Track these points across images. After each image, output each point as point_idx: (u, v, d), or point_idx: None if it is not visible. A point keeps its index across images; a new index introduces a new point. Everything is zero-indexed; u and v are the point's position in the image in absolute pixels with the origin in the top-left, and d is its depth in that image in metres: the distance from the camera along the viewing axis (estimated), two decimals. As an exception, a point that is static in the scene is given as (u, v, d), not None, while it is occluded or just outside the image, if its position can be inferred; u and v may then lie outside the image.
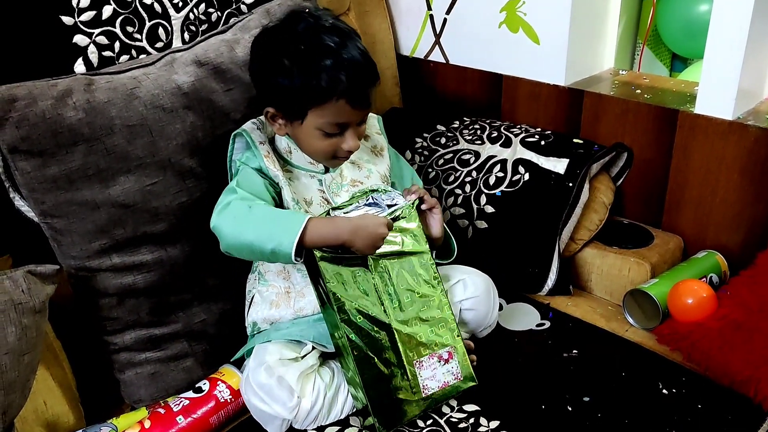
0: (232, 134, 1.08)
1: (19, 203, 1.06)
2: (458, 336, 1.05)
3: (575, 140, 1.39)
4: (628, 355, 1.14)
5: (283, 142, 1.09)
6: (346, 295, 0.98)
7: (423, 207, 1.08)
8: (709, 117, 1.28)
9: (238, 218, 0.97)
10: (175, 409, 1.01)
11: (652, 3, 1.93)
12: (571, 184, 1.30)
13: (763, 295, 1.12)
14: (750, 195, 1.27)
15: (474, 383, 1.04)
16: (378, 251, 1.00)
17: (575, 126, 1.46)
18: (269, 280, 1.09)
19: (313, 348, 1.04)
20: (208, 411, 1.03)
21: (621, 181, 1.42)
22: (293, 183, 1.08)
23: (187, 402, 1.02)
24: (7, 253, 1.07)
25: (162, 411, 1.01)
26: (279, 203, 1.05)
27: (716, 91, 1.26)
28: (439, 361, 1.03)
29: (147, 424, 0.99)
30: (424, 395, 1.00)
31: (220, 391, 1.05)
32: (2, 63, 1.03)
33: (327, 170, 1.10)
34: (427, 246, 1.05)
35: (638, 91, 1.42)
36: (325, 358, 1.06)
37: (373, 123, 1.19)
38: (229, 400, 1.05)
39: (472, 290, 1.14)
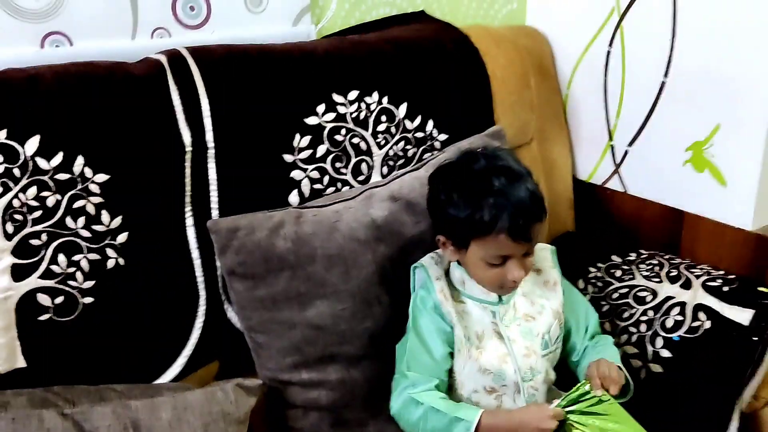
0: (412, 267, 1.17)
1: (231, 315, 1.21)
2: None
3: (761, 289, 1.34)
4: None
5: (457, 274, 1.15)
6: None
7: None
8: None
9: (411, 422, 1.08)
10: None
11: None
12: (756, 339, 1.25)
13: None
14: None
15: None
16: None
17: (761, 273, 1.41)
18: None
19: None
20: None
21: (812, 335, 1.35)
22: (465, 317, 1.13)
23: None
24: (216, 358, 1.21)
25: None
26: (451, 338, 1.11)
27: None
28: None
29: None
30: None
31: None
32: (232, 194, 1.19)
33: (500, 301, 1.15)
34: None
35: (836, 243, 1.35)
36: None
37: (546, 255, 1.23)
38: None
39: None
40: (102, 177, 1.07)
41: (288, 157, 1.23)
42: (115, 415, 0.98)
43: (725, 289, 1.35)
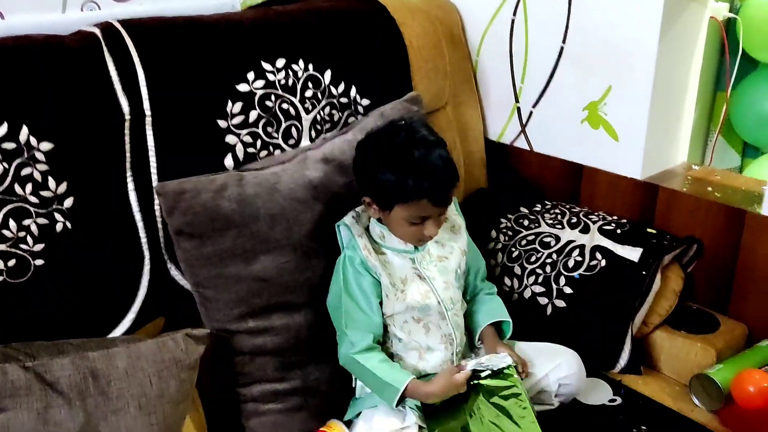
0: (336, 225, 1.28)
1: (174, 273, 1.29)
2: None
3: (649, 230, 1.53)
4: (694, 434, 1.27)
5: (377, 230, 1.27)
6: None
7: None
8: (775, 219, 1.41)
9: (355, 372, 1.25)
10: (294, 456, 1.19)
11: (725, 97, 2.06)
12: (644, 273, 1.44)
13: (821, 388, 1.22)
14: (813, 292, 1.38)
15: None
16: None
17: (650, 216, 1.60)
18: None
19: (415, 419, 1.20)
20: (320, 458, 1.20)
21: (690, 268, 1.55)
22: (388, 266, 1.26)
23: (305, 451, 1.20)
24: (161, 315, 1.28)
25: (283, 457, 1.19)
26: (379, 289, 1.25)
27: (782, 196, 1.39)
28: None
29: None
30: None
31: (329, 443, 1.22)
32: (170, 159, 1.26)
33: (416, 249, 1.28)
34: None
35: (709, 188, 1.55)
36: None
37: (451, 206, 1.34)
38: (336, 450, 1.22)
39: (566, 369, 1.29)
40: (47, 145, 1.12)
41: (222, 123, 1.31)
42: (74, 365, 1.05)
43: (618, 231, 1.53)
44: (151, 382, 1.07)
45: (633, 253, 1.48)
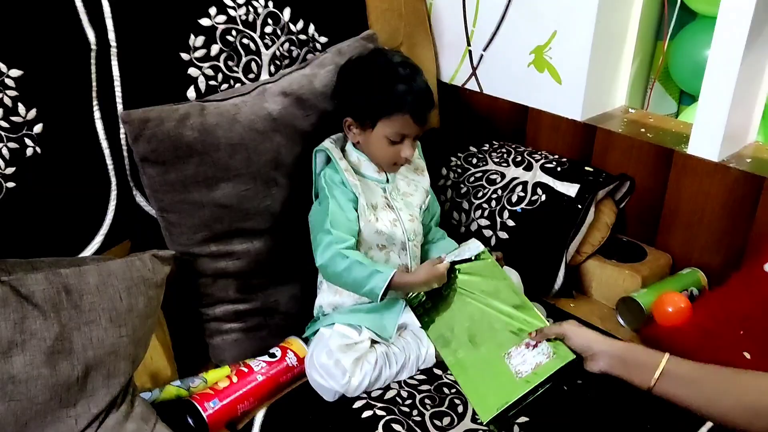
0: (315, 150, 1.35)
1: (139, 199, 1.35)
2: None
3: (586, 168, 1.65)
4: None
5: (353, 156, 1.35)
6: None
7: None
8: (699, 158, 1.53)
9: (337, 272, 1.27)
10: (255, 369, 1.29)
11: (663, 46, 2.18)
12: (580, 207, 1.56)
13: (730, 308, 1.37)
14: (729, 225, 1.52)
15: (573, 357, 1.15)
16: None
17: (588, 155, 1.72)
18: None
19: (371, 340, 1.31)
20: (279, 372, 1.30)
21: (623, 204, 1.68)
22: (364, 190, 1.34)
23: (265, 365, 1.30)
24: (128, 239, 1.35)
25: (245, 370, 1.29)
26: (356, 206, 1.32)
27: (706, 136, 1.51)
28: (527, 348, 1.19)
29: (234, 379, 1.26)
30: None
31: (289, 358, 1.32)
32: (135, 89, 1.31)
33: (387, 181, 1.37)
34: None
35: (643, 129, 1.67)
36: (373, 343, 1.33)
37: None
38: (295, 365, 1.32)
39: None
40: (16, 72, 1.16)
41: (185, 56, 1.35)
42: (47, 280, 1.11)
43: (558, 169, 1.65)
44: (121, 297, 1.14)
45: (571, 189, 1.59)
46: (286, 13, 1.49)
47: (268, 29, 1.46)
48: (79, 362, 1.08)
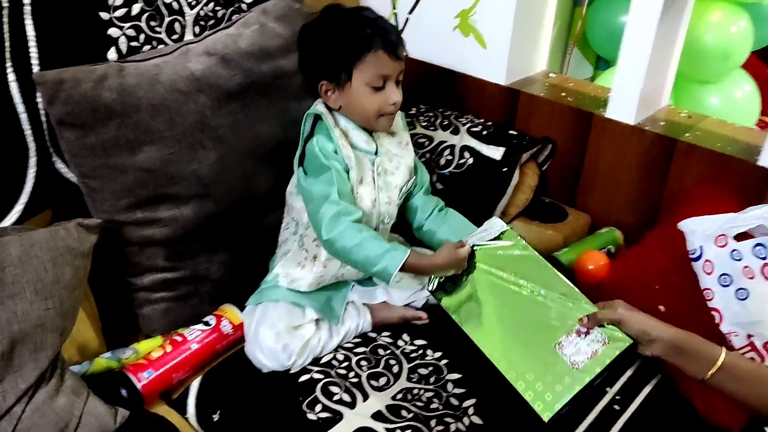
0: (306, 114, 1.28)
1: (59, 166, 1.29)
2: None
3: (511, 132, 1.69)
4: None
5: (342, 123, 1.28)
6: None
7: None
8: (616, 121, 1.60)
9: (347, 247, 1.19)
10: (189, 338, 1.27)
11: (581, 13, 2.24)
12: (505, 169, 1.60)
13: (645, 264, 1.45)
14: (645, 185, 1.60)
15: (630, 342, 1.08)
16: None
17: (512, 119, 1.76)
18: (305, 245, 1.32)
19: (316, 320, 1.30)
20: (214, 340, 1.29)
21: (545, 167, 1.73)
22: (357, 162, 1.27)
23: (199, 333, 1.28)
24: (49, 208, 1.29)
25: (179, 339, 1.27)
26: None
27: (623, 100, 1.58)
28: (579, 336, 1.11)
29: (168, 348, 1.24)
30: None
31: (223, 326, 1.31)
32: (52, 50, 1.23)
33: (376, 153, 1.32)
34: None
35: (564, 94, 1.72)
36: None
37: (398, 120, 1.37)
38: (230, 333, 1.31)
39: None
40: None
41: (104, 15, 1.29)
42: (-34, 252, 1.06)
43: (484, 133, 1.68)
44: (46, 268, 1.10)
45: (496, 152, 1.63)
46: (211, -29, 1.45)
47: (191, -12, 1.41)
48: (3, 337, 1.04)
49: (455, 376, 1.25)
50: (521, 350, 1.15)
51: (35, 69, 1.23)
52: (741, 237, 1.31)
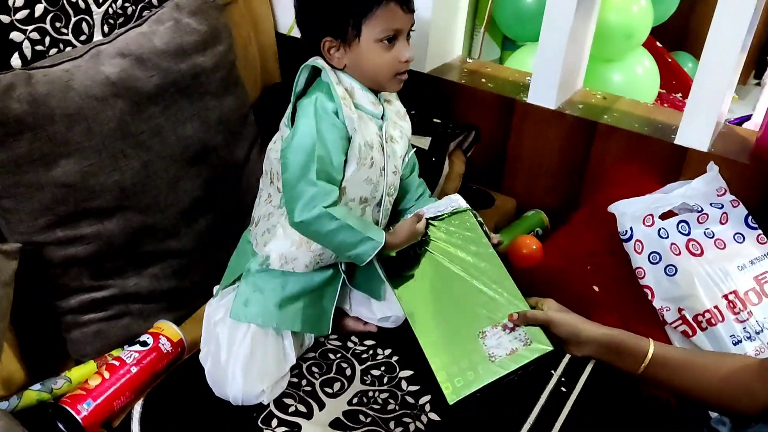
0: (302, 67, 1.14)
1: (-37, 185, 1.17)
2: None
3: (435, 120, 1.69)
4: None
5: (347, 82, 1.15)
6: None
7: None
8: (537, 106, 1.63)
9: (321, 233, 1.11)
10: (128, 361, 1.18)
11: (490, -6, 2.27)
12: (434, 159, 1.60)
13: (576, 246, 1.49)
14: (567, 167, 1.65)
15: (549, 349, 1.07)
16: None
17: (433, 106, 1.76)
18: None
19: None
20: (154, 360, 1.21)
21: (470, 153, 1.74)
22: (362, 125, 1.14)
23: (138, 355, 1.20)
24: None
25: (116, 363, 1.19)
26: (347, 146, 1.13)
27: (543, 86, 1.61)
28: (504, 330, 1.09)
29: (106, 374, 1.16)
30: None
31: (162, 344, 1.23)
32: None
33: (383, 117, 1.20)
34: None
35: (483, 80, 1.74)
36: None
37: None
38: (170, 351, 1.24)
39: None
40: None
41: (4, 18, 1.17)
42: None
43: (409, 122, 1.66)
44: (-36, 302, 1.00)
45: (423, 141, 1.62)
46: (116, -35, 1.34)
47: (98, -17, 1.31)
48: None
49: (408, 373, 1.25)
50: (445, 330, 1.12)
51: (-72, 81, 1.10)
52: (665, 216, 1.38)
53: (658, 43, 2.55)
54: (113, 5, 1.33)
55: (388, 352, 1.29)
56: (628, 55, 2.19)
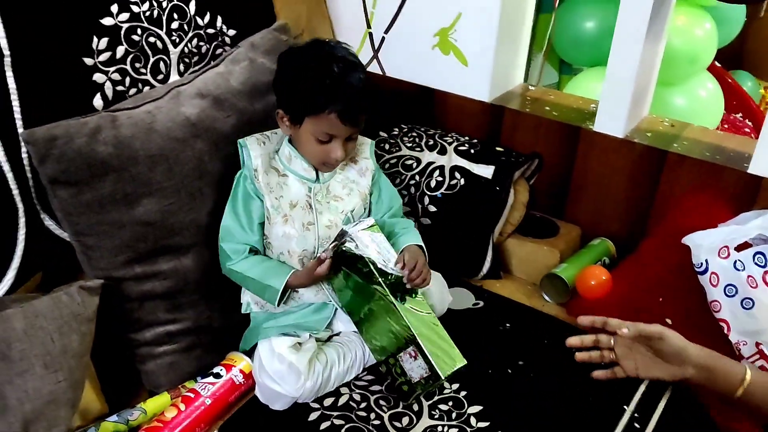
0: (239, 142, 1.27)
1: (49, 223, 1.22)
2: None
3: (498, 149, 1.69)
4: (547, 325, 1.46)
5: (286, 151, 1.28)
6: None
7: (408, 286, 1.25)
8: (605, 134, 1.61)
9: (238, 282, 1.29)
10: (203, 393, 1.22)
11: (549, 19, 2.25)
12: (498, 188, 1.59)
13: (646, 276, 1.47)
14: (634, 195, 1.62)
15: (441, 380, 1.19)
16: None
17: (496, 135, 1.76)
18: None
19: (310, 335, 1.28)
20: (227, 392, 1.24)
21: (533, 180, 1.73)
22: (283, 188, 1.28)
23: (211, 386, 1.23)
24: (39, 271, 1.22)
25: (191, 395, 1.21)
26: (262, 210, 1.27)
27: (611, 114, 1.59)
28: (411, 357, 1.21)
29: (182, 406, 1.19)
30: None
31: (235, 375, 1.26)
32: (35, 103, 1.16)
33: (317, 180, 1.30)
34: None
35: (548, 108, 1.73)
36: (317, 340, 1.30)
37: (365, 147, 1.37)
38: (243, 383, 1.27)
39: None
40: None
41: (88, 61, 1.22)
42: (-33, 333, 0.99)
43: (472, 151, 1.67)
44: (53, 339, 1.04)
45: (487, 171, 1.62)
46: (192, 6, 1.38)
47: (175, 25, 1.35)
48: (16, 419, 0.98)
49: (476, 408, 1.24)
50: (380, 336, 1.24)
51: (18, 123, 1.15)
52: (741, 247, 1.35)
53: (717, 63, 2.49)
54: (188, 45, 1.38)
55: (455, 386, 1.29)
56: (691, 78, 2.15)
